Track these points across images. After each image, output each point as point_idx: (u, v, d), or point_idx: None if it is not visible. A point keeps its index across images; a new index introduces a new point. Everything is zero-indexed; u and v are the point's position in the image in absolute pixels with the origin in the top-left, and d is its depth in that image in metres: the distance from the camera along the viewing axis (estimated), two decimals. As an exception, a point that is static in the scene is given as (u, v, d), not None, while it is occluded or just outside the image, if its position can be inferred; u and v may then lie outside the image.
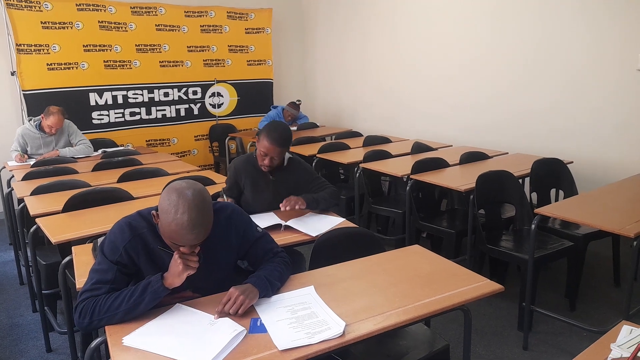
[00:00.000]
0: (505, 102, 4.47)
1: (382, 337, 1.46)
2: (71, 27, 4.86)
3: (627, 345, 1.22)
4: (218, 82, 5.96)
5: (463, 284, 1.58)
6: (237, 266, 1.79)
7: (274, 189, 2.42)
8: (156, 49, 5.43)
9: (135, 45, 5.28)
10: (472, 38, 4.69)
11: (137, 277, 1.53)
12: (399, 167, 3.51)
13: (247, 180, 2.42)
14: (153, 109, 5.54)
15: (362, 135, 5.04)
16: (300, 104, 5.93)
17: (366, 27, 5.91)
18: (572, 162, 3.45)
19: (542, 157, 3.42)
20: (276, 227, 2.13)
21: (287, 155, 2.47)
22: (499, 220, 3.10)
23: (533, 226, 2.36)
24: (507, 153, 3.99)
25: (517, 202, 3.04)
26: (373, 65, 5.92)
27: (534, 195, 3.30)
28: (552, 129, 4.12)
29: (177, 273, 1.41)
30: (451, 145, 4.43)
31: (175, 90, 5.67)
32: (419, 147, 4.18)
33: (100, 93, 5.15)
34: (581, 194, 3.01)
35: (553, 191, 3.39)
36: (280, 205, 2.25)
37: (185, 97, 5.76)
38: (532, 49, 4.20)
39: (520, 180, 3.19)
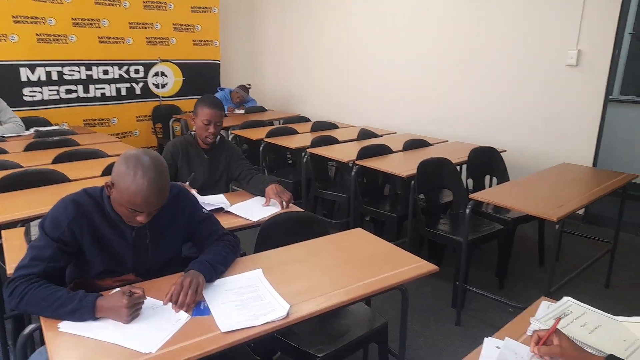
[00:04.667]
0: (447, 93, 4.66)
1: (324, 316, 1.52)
2: (-2, -4, 4.49)
3: (545, 319, 1.35)
4: (162, 61, 5.75)
5: (401, 265, 1.66)
6: (181, 250, 1.78)
7: (209, 167, 2.48)
8: (95, 23, 5.14)
9: (72, 18, 4.97)
10: (418, 34, 4.84)
11: (78, 257, 1.48)
12: (345, 152, 3.58)
13: (184, 160, 2.46)
14: (91, 87, 5.27)
15: (310, 121, 5.07)
16: (250, 88, 5.85)
17: (317, 12, 5.90)
18: (505, 151, 3.67)
19: (479, 145, 3.61)
20: (218, 210, 2.14)
21: (218, 135, 2.52)
22: (437, 205, 3.26)
23: (467, 211, 2.51)
24: (447, 141, 4.17)
25: (454, 187, 3.21)
26: (323, 51, 5.94)
27: (470, 182, 3.49)
28: (489, 119, 4.35)
29: (116, 314, 1.29)
30: (395, 133, 4.56)
31: (116, 68, 5.41)
32: (365, 134, 4.27)
33: (32, 68, 4.82)
34: (512, 181, 3.22)
35: (487, 178, 3.60)
36: (272, 198, 2.23)
37: (126, 76, 5.52)
38: (472, 46, 4.40)
39: (458, 167, 3.36)
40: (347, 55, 5.63)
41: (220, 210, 2.14)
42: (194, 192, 2.18)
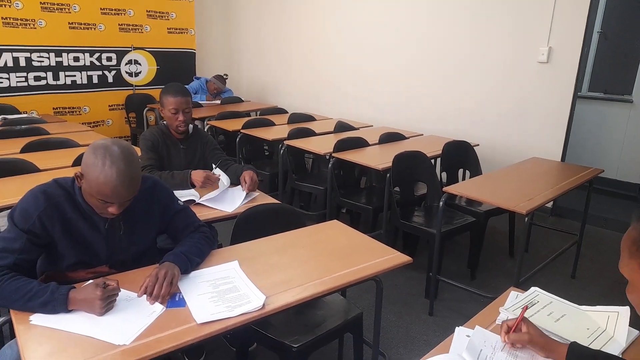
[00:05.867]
0: (422, 88, 4.72)
1: (300, 307, 1.54)
2: (-39, -24, 4.30)
3: (513, 309, 1.40)
4: (135, 49, 5.62)
5: (376, 257, 1.69)
6: (156, 242, 1.77)
7: (185, 157, 2.47)
8: (65, 8, 4.98)
9: (40, 3, 4.81)
10: (395, 29, 4.87)
11: (49, 248, 1.46)
12: (322, 145, 3.59)
13: (163, 149, 2.44)
14: (61, 74, 5.12)
15: (287, 112, 5.05)
16: (227, 78, 5.79)
17: (294, 4, 5.86)
18: (478, 145, 3.73)
19: (453, 139, 3.67)
20: (190, 202, 2.11)
21: (190, 125, 2.51)
22: (412, 197, 3.31)
23: (441, 203, 2.56)
24: (422, 135, 4.22)
25: (428, 180, 3.26)
26: (300, 42, 5.91)
27: (444, 175, 3.55)
28: (463, 114, 4.43)
29: (90, 306, 1.27)
30: (372, 126, 4.59)
31: (87, 55, 5.26)
32: (341, 126, 4.29)
33: (-3, 53, 4.65)
34: (484, 174, 3.30)
35: (461, 171, 3.67)
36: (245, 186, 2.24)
37: (98, 63, 5.38)
38: (446, 42, 4.46)
39: (433, 161, 3.41)
40: (325, 47, 5.62)
41: (192, 202, 2.12)
42: (222, 175, 2.21)
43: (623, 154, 4.72)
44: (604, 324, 1.32)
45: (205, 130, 4.66)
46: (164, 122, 2.48)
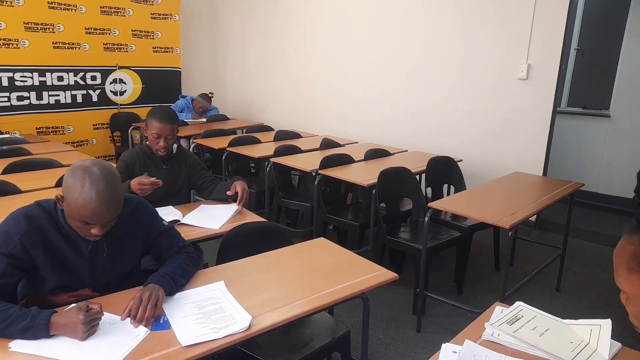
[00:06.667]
0: (406, 105, 4.79)
1: (287, 327, 1.53)
2: (-58, -3, 4.28)
3: (498, 324, 1.41)
4: (120, 68, 5.61)
5: (362, 274, 1.69)
6: (140, 263, 1.75)
7: (168, 177, 2.42)
8: (49, 28, 4.97)
9: (24, 22, 4.79)
10: (377, 47, 4.96)
11: (31, 272, 1.43)
12: (308, 162, 3.60)
13: (142, 169, 2.39)
14: (45, 93, 5.08)
15: (273, 130, 5.07)
16: (212, 97, 5.80)
17: (279, 21, 5.94)
18: (461, 160, 3.79)
19: (437, 155, 3.72)
20: (174, 222, 2.09)
21: (175, 145, 2.49)
22: (398, 213, 3.33)
23: (427, 219, 2.58)
24: (407, 151, 4.27)
25: (414, 196, 3.29)
26: (286, 60, 5.97)
27: (429, 190, 3.59)
28: (446, 130, 4.50)
29: (72, 330, 1.25)
30: (357, 142, 4.63)
31: (71, 74, 5.23)
32: (327, 143, 4.32)
33: (-21, 73, 4.61)
34: (468, 189, 3.34)
35: (445, 186, 3.71)
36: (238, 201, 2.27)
37: (82, 83, 5.35)
38: (429, 60, 4.55)
39: (417, 176, 3.45)
40: (310, 65, 5.69)
41: (176, 222, 2.11)
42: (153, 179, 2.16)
43: (602, 167, 4.83)
44: (587, 337, 1.34)
45: (191, 148, 4.65)
46: (147, 142, 2.47)
